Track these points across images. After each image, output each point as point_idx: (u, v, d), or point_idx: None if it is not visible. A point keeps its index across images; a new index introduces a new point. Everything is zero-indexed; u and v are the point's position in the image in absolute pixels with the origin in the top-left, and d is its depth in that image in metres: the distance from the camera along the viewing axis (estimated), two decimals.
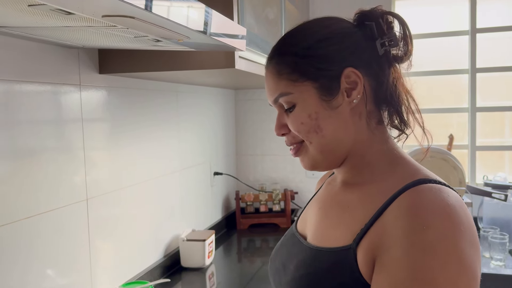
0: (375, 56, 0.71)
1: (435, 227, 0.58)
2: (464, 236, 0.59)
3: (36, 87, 1.10)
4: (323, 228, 0.74)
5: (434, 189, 0.63)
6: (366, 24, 0.72)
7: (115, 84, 1.41)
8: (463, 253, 0.58)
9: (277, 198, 2.38)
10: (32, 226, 1.09)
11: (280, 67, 0.72)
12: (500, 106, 2.34)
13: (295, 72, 0.70)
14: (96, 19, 0.70)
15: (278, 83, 0.72)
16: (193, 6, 0.82)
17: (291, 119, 0.72)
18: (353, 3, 2.27)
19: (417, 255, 0.57)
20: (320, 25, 0.73)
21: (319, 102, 0.69)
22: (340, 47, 0.70)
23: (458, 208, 0.61)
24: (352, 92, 0.69)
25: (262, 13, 1.51)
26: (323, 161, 0.73)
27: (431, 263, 0.56)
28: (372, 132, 0.72)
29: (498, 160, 2.40)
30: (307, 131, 0.70)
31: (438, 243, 0.57)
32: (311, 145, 0.71)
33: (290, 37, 0.75)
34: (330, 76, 0.69)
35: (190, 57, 1.23)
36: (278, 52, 0.74)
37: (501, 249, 1.84)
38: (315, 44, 0.70)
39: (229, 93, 2.47)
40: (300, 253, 0.74)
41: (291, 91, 0.71)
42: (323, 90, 0.69)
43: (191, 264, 1.75)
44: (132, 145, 1.51)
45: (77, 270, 1.25)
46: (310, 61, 0.70)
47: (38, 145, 1.11)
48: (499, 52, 2.33)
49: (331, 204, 0.76)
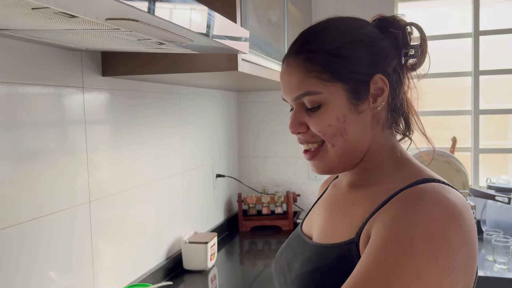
0: (397, 64, 0.72)
1: (428, 217, 0.59)
2: (459, 233, 0.59)
3: (39, 89, 1.10)
4: (328, 227, 0.74)
5: (437, 186, 0.64)
6: (392, 32, 0.72)
7: (117, 86, 1.41)
8: (450, 250, 0.57)
9: (280, 201, 2.38)
10: (35, 228, 1.09)
11: (309, 64, 0.68)
12: (504, 108, 2.33)
13: (326, 71, 0.68)
14: (99, 22, 0.70)
15: (306, 80, 0.69)
16: (196, 9, 0.82)
17: (316, 120, 0.69)
18: (356, 6, 2.28)
19: (393, 243, 0.58)
20: (351, 25, 0.72)
21: (348, 105, 0.68)
22: (372, 51, 0.69)
23: (459, 206, 0.61)
24: (378, 98, 0.70)
25: (264, 15, 1.51)
26: (338, 165, 0.72)
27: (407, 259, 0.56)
28: (384, 137, 0.73)
29: (501, 163, 2.39)
30: (332, 133, 0.69)
31: (427, 235, 0.57)
32: (333, 148, 0.70)
33: (321, 33, 0.71)
34: (361, 80, 0.68)
35: (193, 59, 1.24)
36: (307, 47, 0.70)
37: (505, 252, 1.83)
38: (349, 45, 0.69)
39: (232, 95, 2.47)
40: (305, 251, 0.74)
41: (320, 90, 0.68)
42: (352, 93, 0.68)
43: (193, 266, 1.74)
44: (134, 147, 1.51)
45: (80, 272, 1.25)
46: (344, 62, 0.68)
47: (41, 147, 1.11)
48: (502, 55, 2.33)
49: (336, 204, 0.77)
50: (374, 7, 2.29)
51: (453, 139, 2.33)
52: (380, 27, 0.73)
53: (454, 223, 0.59)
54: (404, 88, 0.73)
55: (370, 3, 2.29)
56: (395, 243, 0.58)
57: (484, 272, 1.79)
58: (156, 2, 0.66)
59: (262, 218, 2.38)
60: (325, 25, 0.73)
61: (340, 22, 0.73)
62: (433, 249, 0.56)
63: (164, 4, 0.69)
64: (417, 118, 0.75)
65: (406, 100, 0.74)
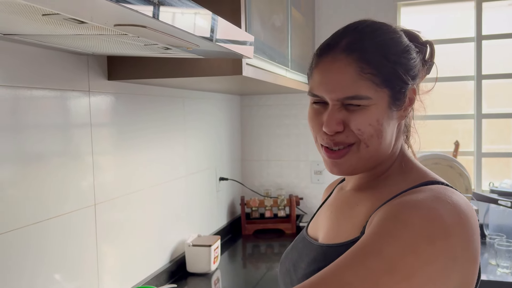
0: (422, 76, 0.76)
1: (428, 205, 0.60)
2: (459, 226, 0.60)
3: (45, 93, 1.12)
4: (334, 228, 0.76)
5: (441, 187, 0.66)
6: (418, 46, 0.74)
7: (123, 90, 1.43)
8: (447, 237, 0.58)
9: (282, 204, 2.38)
10: (40, 231, 1.10)
11: (364, 65, 0.66)
12: (506, 112, 2.33)
13: (380, 75, 0.66)
14: (108, 27, 0.71)
15: (358, 82, 0.66)
16: (203, 15, 0.83)
17: (358, 118, 0.67)
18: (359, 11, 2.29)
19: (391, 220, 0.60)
20: (396, 32, 0.71)
21: (387, 110, 0.69)
22: (416, 62, 0.71)
23: (463, 205, 0.62)
24: (408, 107, 0.72)
25: (268, 20, 1.52)
26: (361, 168, 0.72)
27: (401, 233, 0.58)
28: (399, 143, 0.76)
29: (504, 167, 2.39)
30: (371, 134, 0.68)
31: (426, 217, 0.59)
32: (366, 149, 0.69)
33: (373, 33, 0.69)
34: (403, 89, 0.69)
35: (198, 64, 1.25)
36: (361, 47, 0.67)
37: (508, 257, 1.83)
38: (402, 53, 0.69)
39: (235, 99, 2.48)
40: (310, 252, 0.76)
41: (371, 96, 0.66)
42: (394, 100, 0.69)
43: (196, 269, 1.75)
44: (139, 150, 1.52)
45: (84, 274, 1.25)
46: (397, 68, 0.68)
47: (47, 150, 1.12)
48: (505, 59, 2.33)
49: (341, 207, 0.78)
50: (377, 12, 2.30)
51: (456, 143, 2.34)
52: (413, 44, 0.74)
53: (455, 215, 0.60)
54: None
55: (373, 8, 2.31)
56: (391, 219, 0.60)
57: (487, 276, 1.80)
58: (165, 9, 0.67)
59: (265, 221, 2.38)
60: (374, 27, 0.70)
61: (385, 26, 0.72)
62: (428, 229, 0.58)
63: (171, 10, 0.70)
64: (413, 127, 0.80)
65: (412, 111, 0.78)
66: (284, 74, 1.71)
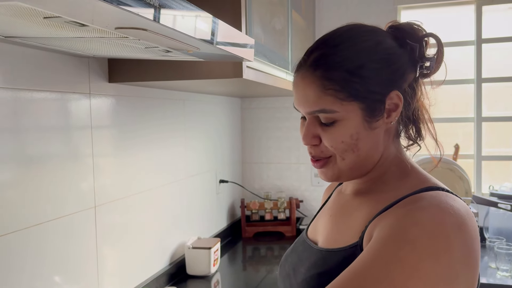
0: (412, 78, 0.72)
1: (430, 217, 0.60)
2: (460, 237, 0.60)
3: (46, 95, 1.12)
4: (333, 232, 0.76)
5: (441, 194, 0.65)
6: (409, 44, 0.71)
7: (124, 92, 1.43)
8: (450, 250, 0.58)
9: (282, 207, 2.39)
10: (40, 233, 1.10)
11: (326, 82, 0.67)
12: (506, 116, 2.33)
13: (344, 90, 0.66)
14: (109, 30, 0.72)
15: (322, 98, 0.67)
16: (203, 19, 0.83)
17: (330, 136, 0.69)
18: (359, 14, 2.29)
19: (395, 238, 0.59)
20: (371, 40, 0.70)
21: (362, 122, 0.68)
22: (391, 70, 0.69)
23: (463, 213, 0.62)
24: (392, 113, 0.70)
25: (269, 23, 1.53)
26: (347, 176, 0.73)
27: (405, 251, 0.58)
28: (393, 146, 0.75)
29: (504, 170, 2.39)
30: (344, 149, 0.69)
31: (428, 234, 0.58)
32: (343, 161, 0.70)
33: (340, 48, 0.69)
34: (378, 99, 0.68)
35: (199, 66, 1.25)
36: (324, 64, 0.68)
37: (507, 260, 1.83)
38: (368, 63, 0.67)
39: (236, 102, 2.49)
40: (311, 256, 0.76)
41: (336, 109, 0.67)
42: (368, 111, 0.68)
43: (196, 272, 1.75)
44: (139, 152, 1.53)
45: (84, 277, 1.26)
46: (362, 81, 0.67)
47: (47, 152, 1.12)
48: (505, 62, 2.34)
49: (341, 211, 0.78)
50: (377, 15, 2.31)
51: (456, 146, 2.34)
52: (397, 38, 0.71)
53: (456, 227, 0.60)
54: (417, 96, 0.74)
55: (373, 11, 2.31)
56: (396, 238, 0.59)
57: (486, 279, 1.79)
58: (165, 12, 0.68)
59: (265, 224, 2.38)
60: (343, 38, 0.70)
61: (358, 35, 0.70)
62: (434, 247, 0.58)
63: (172, 13, 0.70)
64: (431, 124, 0.75)
65: (418, 108, 0.74)
66: (284, 77, 1.72)
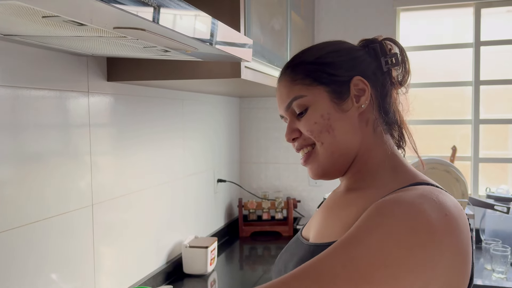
0: (380, 71, 0.78)
1: (412, 200, 0.61)
2: (444, 222, 0.60)
3: (45, 93, 1.12)
4: (323, 229, 0.77)
5: (430, 188, 0.66)
6: (370, 46, 0.80)
7: (122, 91, 1.43)
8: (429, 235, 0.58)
9: (280, 206, 2.39)
10: (37, 231, 1.10)
11: (293, 74, 0.78)
12: (504, 118, 2.34)
13: (308, 77, 0.76)
14: (107, 30, 0.72)
15: (292, 88, 0.77)
16: (202, 19, 0.84)
17: (304, 121, 0.76)
18: (358, 15, 2.30)
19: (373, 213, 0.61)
20: (332, 43, 0.81)
21: (331, 104, 0.75)
22: (348, 58, 0.77)
23: (450, 205, 0.62)
24: (361, 98, 0.75)
25: (268, 24, 1.53)
26: (331, 167, 0.76)
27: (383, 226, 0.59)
28: (377, 139, 0.77)
29: (501, 173, 2.40)
30: (319, 130, 0.74)
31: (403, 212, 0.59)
32: (322, 146, 0.75)
33: (302, 52, 0.82)
34: (340, 82, 0.75)
35: (197, 66, 1.26)
36: (291, 64, 0.80)
37: (503, 262, 1.84)
38: (328, 54, 0.77)
39: (234, 101, 2.49)
40: (300, 252, 0.77)
41: (304, 93, 0.75)
42: (334, 93, 0.75)
43: (193, 271, 1.76)
44: (137, 151, 1.53)
45: (81, 275, 1.26)
46: (322, 67, 0.76)
47: (45, 150, 1.13)
48: (503, 65, 2.35)
49: (332, 207, 0.79)
50: (376, 16, 2.31)
51: (453, 148, 2.35)
52: (362, 46, 0.81)
53: (440, 214, 0.60)
54: (392, 96, 0.79)
55: (372, 13, 2.31)
56: (375, 213, 0.61)
57: (482, 281, 1.80)
58: (163, 12, 0.68)
59: (262, 223, 2.39)
60: (311, 46, 0.82)
61: (325, 43, 0.81)
62: (413, 222, 0.58)
63: (170, 14, 0.71)
64: (408, 133, 0.80)
65: (398, 114, 0.79)
66: None
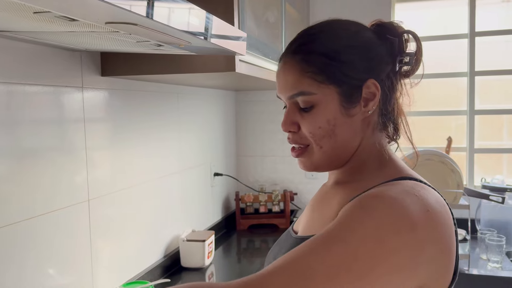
0: (392, 72, 0.73)
1: (392, 195, 0.60)
2: (425, 217, 0.59)
3: (39, 89, 1.12)
4: (310, 221, 0.77)
5: (411, 182, 0.66)
6: (388, 38, 0.73)
7: (117, 86, 1.43)
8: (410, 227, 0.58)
9: (277, 199, 2.40)
10: (34, 226, 1.10)
11: (305, 65, 0.69)
12: (498, 109, 2.35)
13: (322, 73, 0.69)
14: (99, 25, 0.72)
15: (300, 80, 0.70)
16: (194, 12, 0.83)
17: (308, 121, 0.70)
18: (353, 7, 2.30)
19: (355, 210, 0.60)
20: (349, 29, 0.73)
21: (339, 108, 0.69)
22: (367, 57, 0.70)
23: (431, 200, 0.62)
24: (369, 102, 0.71)
25: (262, 16, 1.53)
26: (325, 165, 0.74)
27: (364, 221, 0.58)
28: (373, 138, 0.74)
29: (496, 163, 2.42)
30: (322, 135, 0.70)
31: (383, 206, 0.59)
32: (320, 149, 0.71)
33: (319, 35, 0.72)
34: (354, 85, 0.69)
35: (191, 60, 1.25)
36: (304, 49, 0.71)
37: (498, 251, 1.86)
38: (345, 49, 0.70)
39: (230, 95, 2.49)
40: (288, 245, 0.77)
41: (314, 91, 0.69)
42: (345, 96, 0.69)
43: (191, 264, 1.76)
44: (133, 146, 1.53)
45: (79, 269, 1.26)
46: (339, 65, 0.69)
47: (40, 146, 1.12)
48: (497, 56, 2.35)
49: (320, 201, 0.79)
50: (371, 8, 2.30)
51: (449, 139, 2.35)
52: (377, 33, 0.73)
53: (422, 210, 0.60)
54: (397, 94, 0.75)
55: (367, 3, 2.31)
56: (357, 208, 0.60)
57: (478, 270, 1.82)
58: (155, 6, 0.68)
59: (259, 216, 2.40)
60: (323, 27, 0.73)
61: (338, 25, 0.73)
62: (394, 219, 0.57)
63: (162, 8, 0.70)
64: (406, 124, 0.77)
65: (397, 106, 0.75)
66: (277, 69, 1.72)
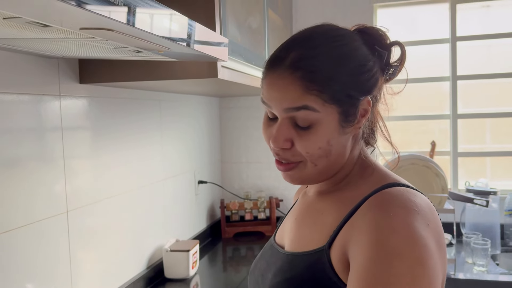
0: (380, 84, 0.73)
1: (403, 222, 0.60)
2: (430, 233, 0.61)
3: (14, 97, 1.08)
4: (299, 236, 0.75)
5: (402, 190, 0.66)
6: (377, 50, 0.71)
7: (96, 93, 1.39)
8: (428, 251, 0.58)
9: (262, 206, 2.38)
10: (11, 240, 1.06)
11: (309, 83, 0.65)
12: (481, 112, 2.37)
13: (326, 92, 0.65)
14: (74, 31, 0.69)
15: (304, 95, 0.65)
16: (174, 18, 0.81)
17: (306, 141, 0.67)
18: (336, 12, 2.30)
19: (382, 256, 0.58)
20: (347, 43, 0.69)
21: (337, 127, 0.67)
22: (369, 76, 0.69)
23: (425, 208, 0.64)
24: (361, 119, 0.69)
25: (245, 22, 1.51)
26: (315, 180, 0.73)
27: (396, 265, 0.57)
28: (357, 148, 0.74)
29: (479, 166, 2.43)
30: (319, 155, 0.67)
31: (406, 240, 0.58)
32: (315, 167, 0.69)
33: (319, 50, 0.67)
34: (353, 104, 0.68)
35: (172, 66, 1.23)
36: (304, 66, 0.65)
37: (483, 255, 1.86)
38: (347, 69, 0.66)
39: (213, 101, 2.46)
40: (277, 261, 0.75)
41: (318, 109, 0.65)
42: (344, 116, 0.67)
43: (175, 275, 1.73)
44: (114, 154, 1.49)
45: (58, 283, 1.22)
46: (342, 85, 0.66)
47: (17, 156, 1.08)
48: (479, 60, 2.38)
49: (306, 213, 0.78)
50: (354, 13, 2.31)
51: (432, 143, 2.36)
52: (367, 44, 0.71)
53: (425, 226, 0.61)
54: (378, 103, 0.75)
55: (350, 9, 2.31)
56: (381, 255, 0.57)
57: (464, 274, 1.82)
58: (131, 12, 0.66)
59: (245, 224, 2.37)
60: (321, 41, 0.68)
61: (335, 38, 0.69)
62: (416, 252, 0.57)
63: (139, 13, 0.68)
64: (384, 126, 0.77)
65: (377, 113, 0.76)
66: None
